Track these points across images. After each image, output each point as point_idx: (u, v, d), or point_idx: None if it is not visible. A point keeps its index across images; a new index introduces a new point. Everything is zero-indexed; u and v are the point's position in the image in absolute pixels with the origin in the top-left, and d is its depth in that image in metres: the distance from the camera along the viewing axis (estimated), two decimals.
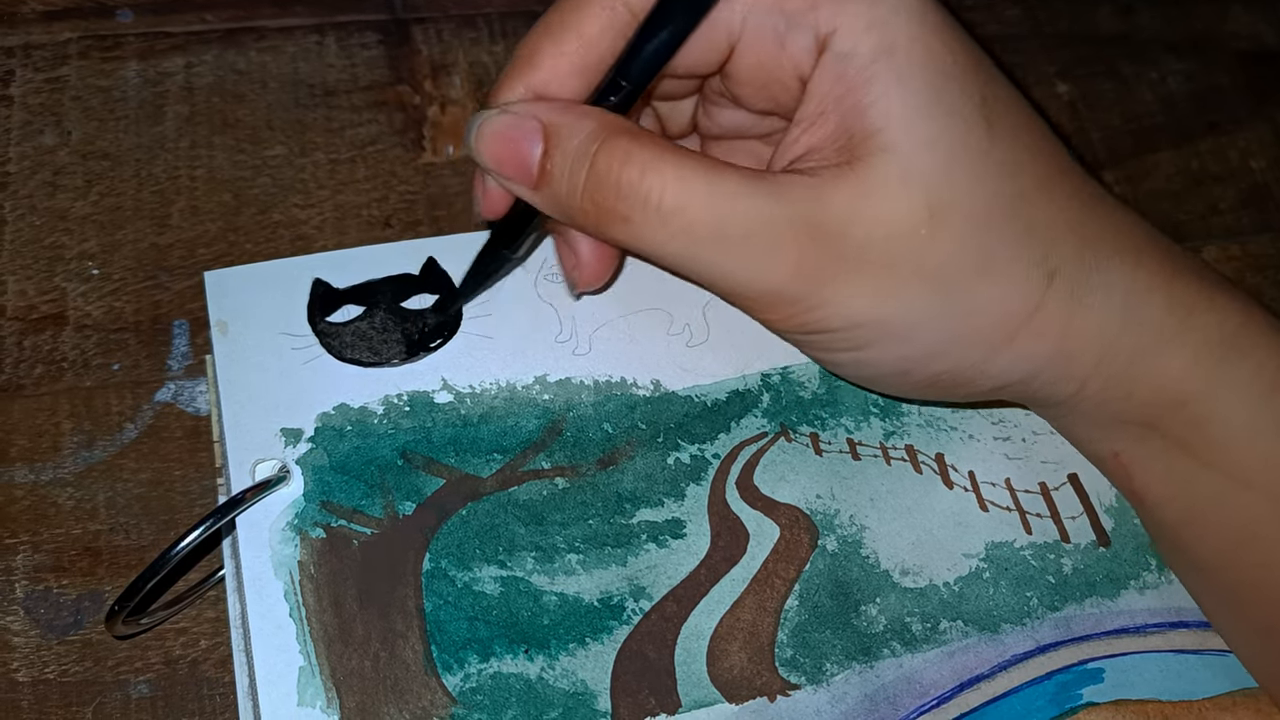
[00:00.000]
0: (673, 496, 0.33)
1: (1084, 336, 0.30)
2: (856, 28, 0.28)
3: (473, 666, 0.31)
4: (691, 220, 0.28)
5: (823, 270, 0.28)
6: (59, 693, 0.32)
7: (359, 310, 0.34)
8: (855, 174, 0.28)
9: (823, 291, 0.28)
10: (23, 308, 0.37)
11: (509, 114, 0.29)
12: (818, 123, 0.29)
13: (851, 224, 0.28)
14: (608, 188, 0.28)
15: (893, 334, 0.29)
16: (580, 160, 0.28)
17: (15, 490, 0.35)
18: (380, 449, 0.32)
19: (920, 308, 0.29)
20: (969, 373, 0.30)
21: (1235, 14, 0.49)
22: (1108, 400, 0.31)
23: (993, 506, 0.34)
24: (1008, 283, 0.29)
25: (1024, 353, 0.30)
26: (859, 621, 0.32)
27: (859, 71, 0.28)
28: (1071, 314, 0.29)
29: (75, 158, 0.40)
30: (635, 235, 0.28)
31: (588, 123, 0.29)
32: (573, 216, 0.29)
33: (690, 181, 0.28)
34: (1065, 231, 0.29)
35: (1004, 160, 0.28)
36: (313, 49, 0.42)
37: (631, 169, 0.28)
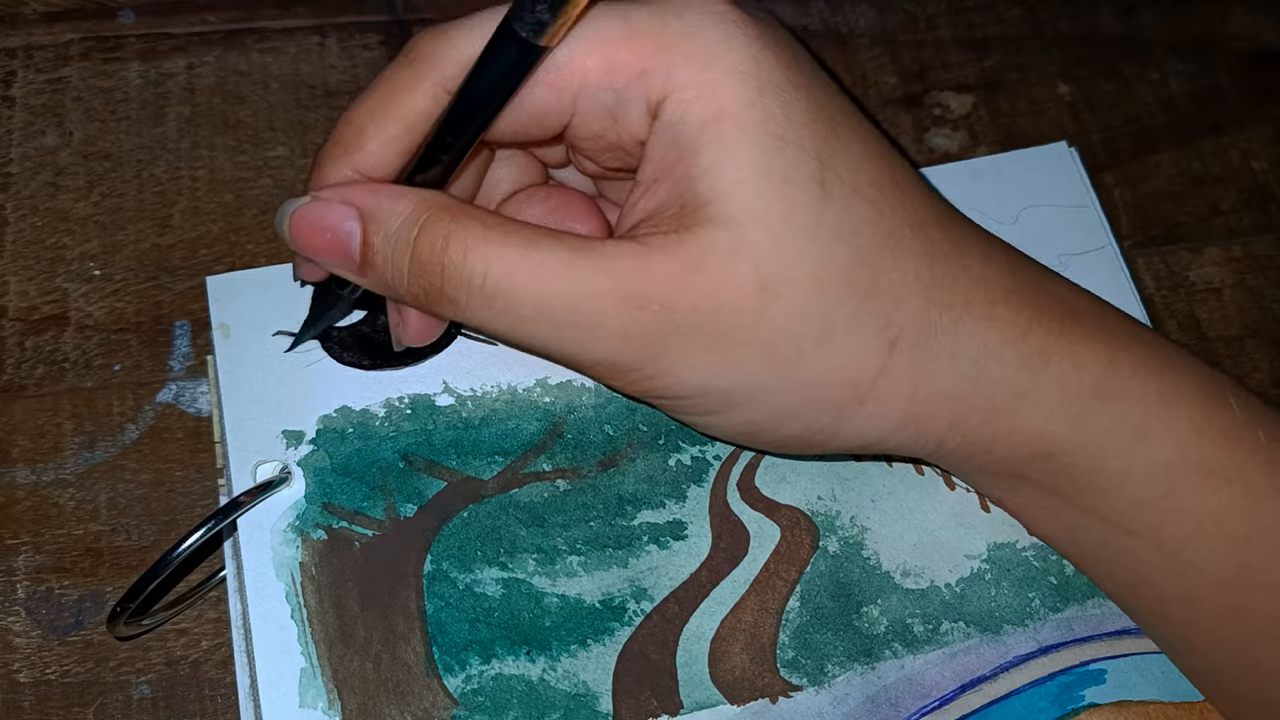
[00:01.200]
0: (674, 498, 0.33)
1: (932, 401, 0.29)
2: (686, 95, 0.27)
3: (474, 668, 0.31)
4: (516, 300, 0.27)
5: (656, 340, 0.27)
6: (60, 693, 0.32)
7: (360, 314, 0.34)
8: (684, 245, 0.27)
9: (657, 362, 0.28)
10: (24, 308, 0.37)
11: (321, 201, 0.28)
12: (653, 188, 0.28)
13: (679, 297, 0.27)
14: (433, 273, 0.27)
15: (735, 402, 0.28)
16: (401, 246, 0.28)
17: (17, 491, 0.35)
18: (382, 451, 0.33)
19: (757, 378, 0.28)
20: (820, 435, 0.29)
21: (1236, 14, 0.49)
22: (970, 456, 0.30)
23: (995, 507, 0.34)
24: (847, 352, 0.28)
25: (873, 417, 0.29)
26: (860, 623, 0.32)
27: (688, 140, 0.27)
28: (917, 380, 0.28)
29: (77, 158, 0.40)
30: (464, 316, 0.28)
31: (404, 204, 0.28)
32: (401, 298, 0.29)
33: (511, 260, 0.27)
34: (910, 294, 0.28)
35: (840, 225, 0.27)
36: (314, 50, 0.42)
37: (454, 251, 0.27)
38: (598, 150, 0.30)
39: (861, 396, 0.28)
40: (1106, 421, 0.29)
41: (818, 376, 0.28)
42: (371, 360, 0.33)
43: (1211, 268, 0.43)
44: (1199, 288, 0.42)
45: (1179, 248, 0.43)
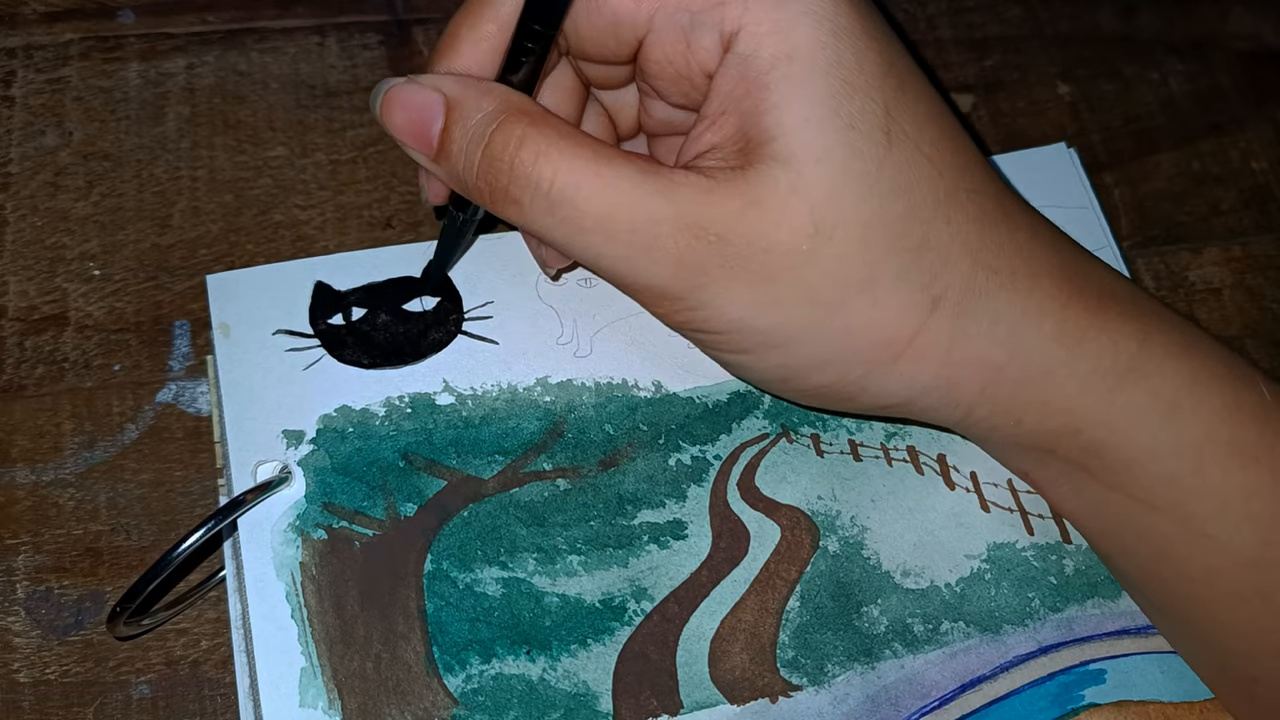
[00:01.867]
0: (674, 498, 0.33)
1: (966, 365, 0.29)
2: (760, 30, 0.27)
3: (474, 668, 0.31)
4: (579, 210, 0.28)
5: (703, 272, 0.28)
6: (60, 693, 0.32)
7: (361, 312, 0.34)
8: (746, 180, 0.27)
9: (702, 293, 0.28)
10: (24, 308, 0.37)
11: (413, 83, 0.29)
12: (719, 121, 0.28)
13: (735, 231, 0.27)
14: (501, 170, 0.28)
15: (771, 343, 0.29)
16: (477, 139, 0.28)
17: (16, 491, 0.35)
18: (382, 450, 0.32)
19: (798, 322, 0.28)
20: (849, 389, 0.30)
21: (1236, 14, 0.49)
22: (997, 426, 0.31)
23: (994, 507, 0.34)
24: (889, 305, 0.28)
25: (905, 376, 0.29)
26: (860, 622, 0.32)
27: (758, 75, 0.27)
28: (954, 341, 0.29)
29: (76, 158, 0.40)
30: (525, 218, 0.28)
31: (489, 101, 0.28)
32: (469, 193, 0.29)
33: (580, 171, 0.27)
34: (958, 254, 0.29)
35: (899, 178, 0.28)
36: (314, 50, 0.42)
37: (525, 153, 0.28)
38: (666, 80, 0.30)
39: (897, 353, 0.29)
40: (1138, 397, 0.30)
41: (857, 326, 0.28)
42: (371, 359, 0.33)
43: (1211, 268, 0.43)
44: (1199, 288, 0.42)
45: (1179, 248, 0.43)
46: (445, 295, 0.35)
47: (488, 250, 0.36)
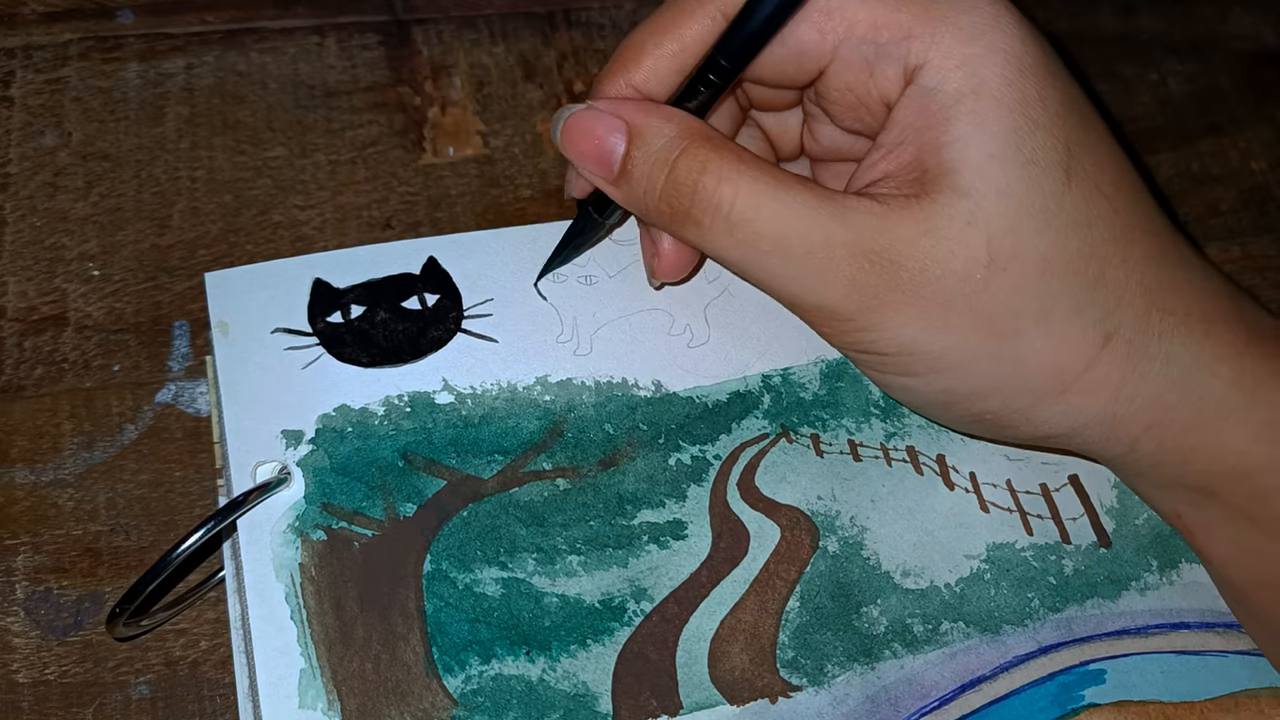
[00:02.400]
0: (674, 498, 0.33)
1: (1135, 402, 0.29)
2: (947, 65, 0.28)
3: (474, 668, 0.31)
4: (757, 233, 0.29)
5: (875, 295, 0.28)
6: (59, 694, 0.32)
7: (360, 310, 0.34)
8: (922, 209, 0.28)
9: (873, 315, 0.29)
10: (23, 309, 0.37)
11: (594, 110, 0.30)
12: (896, 151, 0.29)
13: (910, 256, 0.28)
14: (684, 193, 0.29)
15: (939, 368, 0.29)
16: (661, 164, 0.29)
17: (16, 491, 0.35)
18: (381, 450, 0.32)
19: (969, 348, 0.29)
20: (1013, 418, 0.30)
21: (1236, 15, 0.49)
22: (1162, 464, 0.31)
23: (994, 508, 0.34)
24: (1062, 337, 0.29)
25: (1071, 408, 0.30)
26: (860, 623, 0.32)
27: (942, 109, 0.28)
28: (1125, 378, 0.29)
29: (76, 159, 0.40)
30: (703, 239, 0.30)
31: (671, 126, 0.30)
32: (647, 213, 0.30)
33: (760, 195, 0.28)
34: (1133, 293, 0.29)
35: (1077, 214, 0.28)
36: (313, 50, 0.42)
37: (709, 177, 0.29)
38: (843, 107, 0.31)
39: (1066, 385, 0.29)
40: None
41: (1028, 356, 0.29)
42: (370, 357, 0.33)
43: None
44: None
45: None
46: (444, 292, 0.35)
47: (487, 247, 0.36)
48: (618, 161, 0.30)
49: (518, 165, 0.41)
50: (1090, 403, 0.29)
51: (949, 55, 0.28)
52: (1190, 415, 0.30)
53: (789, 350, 0.35)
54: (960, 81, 0.28)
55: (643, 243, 0.35)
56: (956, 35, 0.28)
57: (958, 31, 0.28)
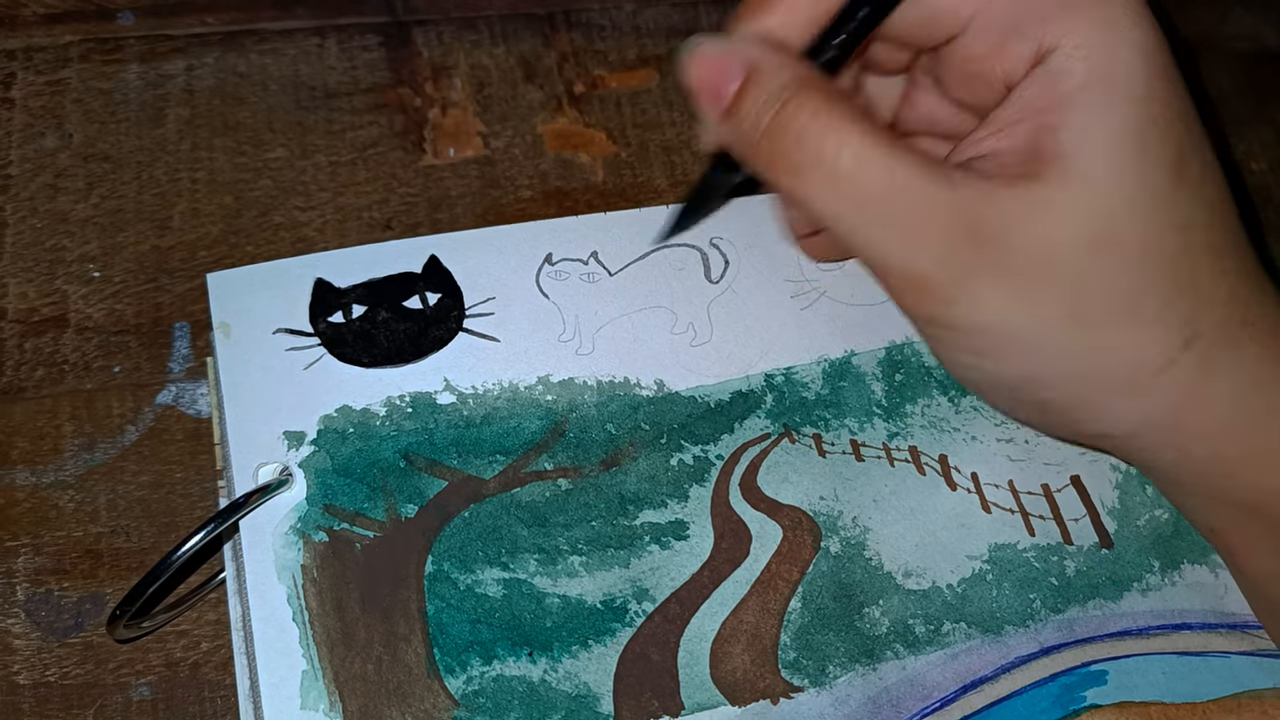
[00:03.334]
0: (676, 498, 0.33)
1: (1200, 408, 0.29)
2: (1079, 52, 0.28)
3: (475, 669, 0.31)
4: (860, 187, 0.28)
5: (968, 266, 0.28)
6: (60, 695, 0.32)
7: (361, 310, 0.34)
8: (1029, 188, 0.28)
9: (961, 287, 0.29)
10: (24, 310, 0.37)
11: (722, 43, 0.30)
12: (1009, 130, 0.29)
13: (1011, 232, 0.28)
14: (789, 135, 0.29)
15: (1016, 349, 0.29)
16: (771, 103, 0.29)
17: (16, 493, 0.34)
18: (382, 451, 0.32)
19: (1052, 331, 0.29)
20: (1078, 411, 0.30)
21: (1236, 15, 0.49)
22: (1210, 475, 0.31)
23: (996, 508, 0.34)
24: (1146, 333, 0.29)
25: (1140, 407, 0.30)
26: (862, 623, 0.32)
27: (1066, 93, 0.28)
28: (1196, 382, 0.29)
29: (76, 160, 0.39)
30: (801, 187, 0.29)
31: (789, 71, 0.29)
32: (748, 154, 0.30)
33: (868, 151, 0.28)
34: (1218, 301, 0.29)
35: (1180, 215, 0.28)
36: (313, 51, 0.42)
37: (817, 123, 0.28)
38: (962, 76, 0.31)
39: (1138, 381, 0.29)
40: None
41: (1109, 346, 0.29)
42: (372, 358, 0.33)
43: None
44: None
45: None
46: (446, 291, 0.35)
47: (489, 245, 0.36)
48: (730, 95, 0.30)
49: (518, 166, 0.41)
50: (1159, 403, 0.29)
51: (1082, 43, 0.28)
52: (1250, 430, 0.30)
53: (792, 349, 0.35)
54: (1089, 70, 0.28)
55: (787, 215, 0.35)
56: (1094, 24, 0.28)
57: (1096, 21, 0.28)
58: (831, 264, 0.37)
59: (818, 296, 0.36)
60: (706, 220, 0.37)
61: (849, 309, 0.36)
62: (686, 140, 0.43)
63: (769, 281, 0.36)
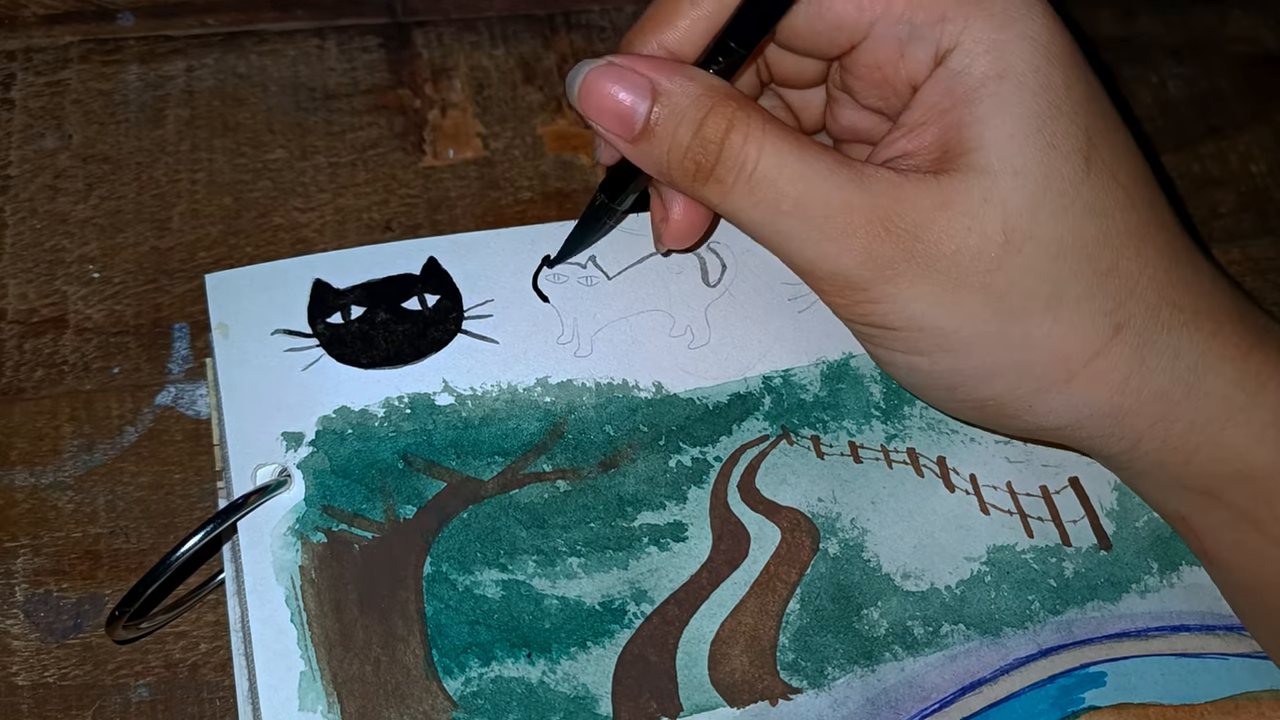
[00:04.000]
0: (674, 499, 0.33)
1: (1141, 395, 0.30)
2: (976, 49, 0.28)
3: (474, 670, 0.31)
4: (778, 192, 0.29)
5: (890, 263, 0.29)
6: (59, 696, 0.32)
7: (360, 311, 0.34)
8: (939, 183, 0.28)
9: (887, 286, 0.29)
10: (23, 311, 0.37)
11: (615, 66, 0.30)
12: (917, 130, 0.29)
13: (925, 228, 0.28)
14: (710, 151, 0.29)
15: (947, 346, 0.29)
16: (689, 122, 0.29)
17: (15, 493, 0.34)
18: (381, 452, 0.32)
19: (978, 326, 0.29)
20: (1016, 406, 0.30)
21: (1235, 17, 0.49)
22: (1165, 463, 0.31)
23: (994, 510, 0.34)
24: (1071, 324, 0.29)
25: (1077, 398, 0.30)
26: (860, 625, 0.32)
27: (968, 90, 0.28)
28: (1132, 370, 0.29)
29: (76, 161, 0.40)
30: (723, 197, 0.29)
31: (695, 85, 0.29)
32: (670, 174, 0.30)
33: (784, 155, 0.28)
34: (1145, 286, 0.29)
35: (1094, 202, 0.29)
36: (313, 52, 0.42)
37: (735, 135, 0.29)
38: (868, 84, 0.31)
39: (1072, 373, 0.29)
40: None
41: (1037, 340, 0.29)
42: (370, 359, 0.33)
43: None
44: None
45: None
46: (444, 293, 0.35)
47: (488, 247, 0.36)
48: (640, 121, 0.30)
49: (518, 168, 0.42)
50: (1096, 393, 0.29)
51: (979, 40, 0.28)
52: (1194, 413, 0.30)
53: (790, 351, 0.35)
54: (988, 65, 0.28)
55: (652, 206, 0.34)
56: (989, 21, 0.28)
57: (990, 17, 0.28)
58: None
59: (815, 299, 0.36)
60: None
61: None
62: None
63: (767, 284, 0.36)
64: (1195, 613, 0.34)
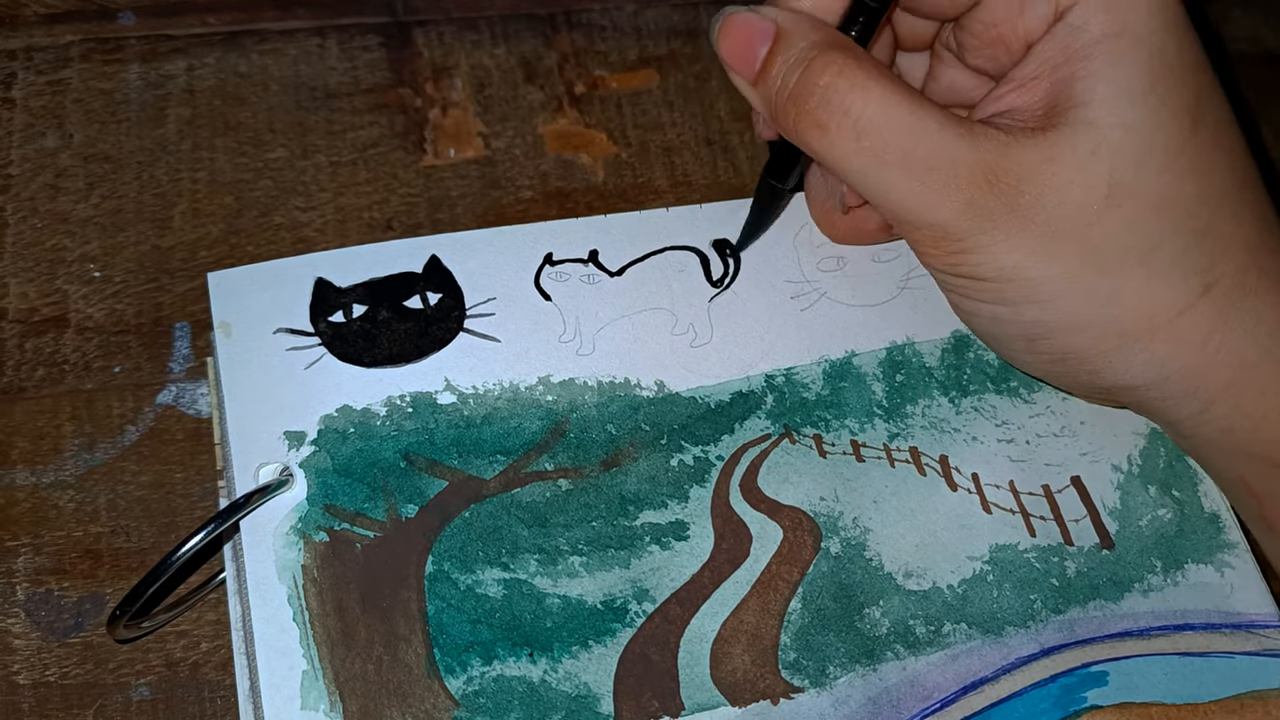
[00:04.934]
0: (676, 498, 0.33)
1: (1219, 356, 0.30)
2: (1095, 5, 0.29)
3: (475, 669, 0.30)
4: (884, 141, 0.29)
5: (990, 215, 0.29)
6: (60, 695, 0.32)
7: (362, 310, 0.34)
8: (1046, 138, 0.29)
9: (983, 235, 0.29)
10: (24, 310, 0.37)
11: (750, 10, 0.31)
12: (1028, 85, 0.30)
13: (1029, 181, 0.29)
14: (815, 93, 0.29)
15: (1036, 297, 0.30)
16: (797, 64, 0.30)
17: (16, 493, 0.34)
18: (383, 451, 0.32)
19: (1071, 276, 0.29)
20: (1097, 359, 0.30)
21: (1235, 16, 0.49)
22: (1233, 429, 0.31)
23: (996, 509, 0.34)
24: (1163, 279, 0.29)
25: (1157, 355, 0.30)
26: (862, 624, 0.32)
27: (1084, 46, 0.29)
28: (1213, 330, 0.30)
29: (77, 160, 0.40)
30: (828, 144, 0.30)
31: (815, 32, 0.30)
32: (776, 115, 0.31)
33: (892, 106, 0.29)
34: (1236, 248, 0.29)
35: (1197, 161, 0.29)
36: (314, 52, 0.42)
37: (841, 80, 0.29)
38: (984, 42, 0.32)
39: (1156, 328, 0.29)
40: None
41: (1126, 292, 0.29)
42: (373, 358, 0.33)
43: None
44: None
45: None
46: (446, 291, 0.35)
47: (490, 245, 0.36)
48: (760, 60, 0.30)
49: (519, 167, 0.41)
50: (1176, 351, 0.30)
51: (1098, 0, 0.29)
52: (1268, 378, 0.30)
53: (792, 350, 0.35)
54: (1107, 23, 0.29)
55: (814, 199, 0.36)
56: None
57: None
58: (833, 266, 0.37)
59: (818, 298, 0.36)
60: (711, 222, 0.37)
61: (849, 310, 0.36)
62: (687, 141, 0.43)
63: (769, 283, 0.36)
64: (1200, 611, 0.34)
